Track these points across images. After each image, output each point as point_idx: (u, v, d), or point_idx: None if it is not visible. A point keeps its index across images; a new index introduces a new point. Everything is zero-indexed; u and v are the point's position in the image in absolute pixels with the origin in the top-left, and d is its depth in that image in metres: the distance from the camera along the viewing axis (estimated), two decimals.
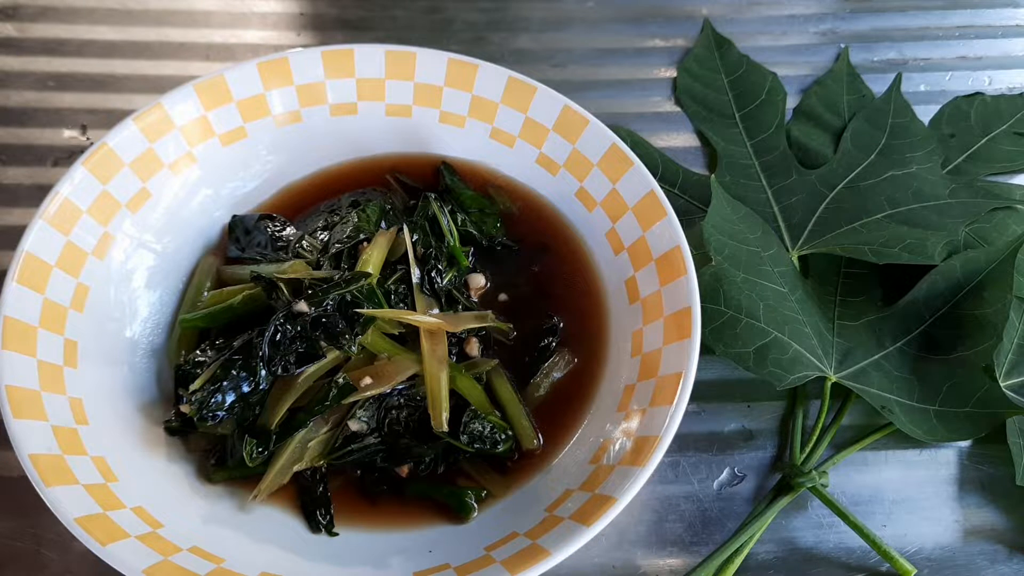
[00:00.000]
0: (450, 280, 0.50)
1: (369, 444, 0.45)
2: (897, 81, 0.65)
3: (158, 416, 0.46)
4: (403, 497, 0.46)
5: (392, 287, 0.48)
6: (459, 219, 0.52)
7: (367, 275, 0.46)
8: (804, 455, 0.49)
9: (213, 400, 0.42)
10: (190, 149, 0.51)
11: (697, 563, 0.46)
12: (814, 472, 0.48)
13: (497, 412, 0.47)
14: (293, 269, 0.47)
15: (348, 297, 0.45)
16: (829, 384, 0.50)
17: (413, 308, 0.48)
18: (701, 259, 0.50)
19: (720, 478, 0.50)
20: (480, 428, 0.45)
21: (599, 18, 0.70)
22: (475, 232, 0.52)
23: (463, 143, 0.55)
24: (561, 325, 0.51)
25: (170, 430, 0.45)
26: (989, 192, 0.58)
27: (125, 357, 0.47)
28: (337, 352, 0.44)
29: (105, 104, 0.62)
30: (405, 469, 0.46)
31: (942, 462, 0.51)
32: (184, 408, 0.43)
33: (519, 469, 0.47)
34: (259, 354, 0.43)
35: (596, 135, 0.51)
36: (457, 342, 0.48)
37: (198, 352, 0.45)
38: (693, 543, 0.48)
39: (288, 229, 0.52)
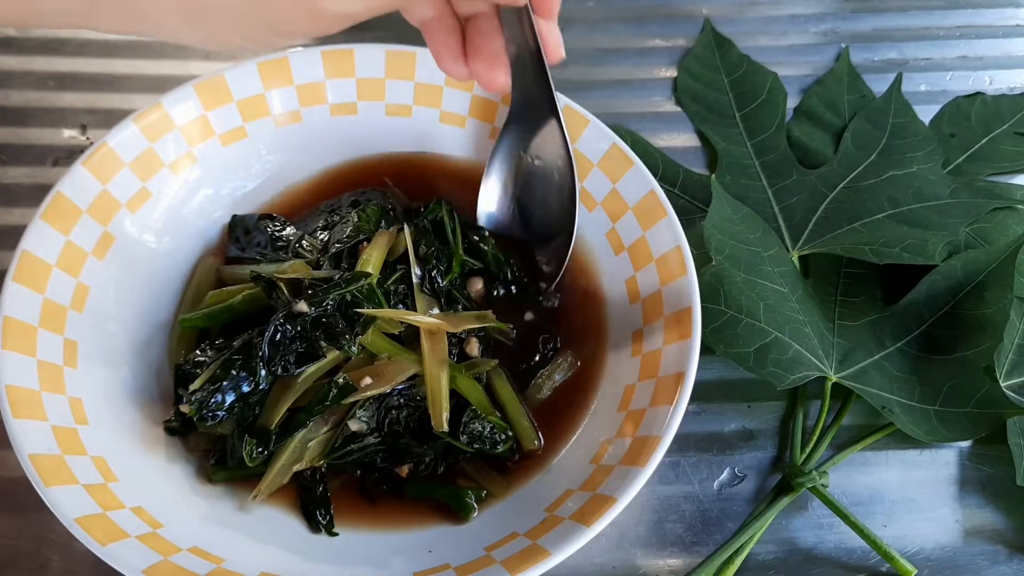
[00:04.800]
0: (450, 280, 0.50)
1: (369, 444, 0.45)
2: (898, 81, 0.65)
3: (158, 416, 0.46)
4: (403, 497, 0.45)
5: (392, 287, 0.48)
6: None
7: (367, 275, 0.46)
8: (804, 455, 0.49)
9: (213, 400, 0.42)
10: (190, 149, 0.51)
11: (697, 563, 0.46)
12: (814, 472, 0.48)
13: (497, 412, 0.47)
14: (293, 269, 0.47)
15: (348, 297, 0.45)
16: (829, 384, 0.50)
17: (413, 308, 0.48)
18: (701, 259, 0.50)
19: (720, 478, 0.50)
20: (480, 428, 0.45)
21: (599, 18, 0.70)
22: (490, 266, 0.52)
23: (463, 143, 0.55)
24: (562, 326, 0.51)
25: (170, 430, 0.45)
26: (990, 192, 0.58)
27: (125, 357, 0.47)
28: (337, 352, 0.44)
29: (105, 104, 0.62)
30: (405, 469, 0.46)
31: (942, 462, 0.51)
32: (184, 408, 0.43)
33: (519, 469, 0.46)
34: (259, 354, 0.43)
35: (596, 135, 0.51)
36: (457, 342, 0.48)
37: (198, 352, 0.45)
38: (693, 543, 0.48)
39: (288, 229, 0.52)
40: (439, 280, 0.49)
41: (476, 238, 0.52)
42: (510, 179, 0.52)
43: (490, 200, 0.53)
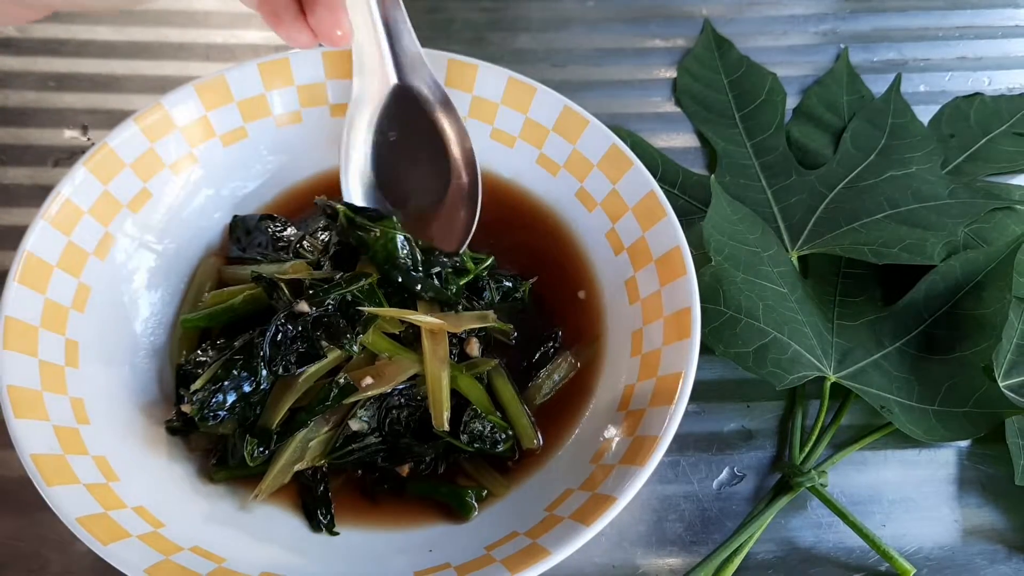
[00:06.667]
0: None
1: (370, 444, 0.45)
2: (897, 81, 0.65)
3: (159, 416, 0.46)
4: (403, 496, 0.46)
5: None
6: None
7: (368, 275, 0.46)
8: (803, 455, 0.49)
9: (214, 400, 0.42)
10: (191, 149, 0.51)
11: (697, 562, 0.47)
12: (813, 472, 0.48)
13: (497, 412, 0.47)
14: (294, 269, 0.47)
15: (349, 297, 0.45)
16: (828, 384, 0.50)
17: (414, 308, 0.48)
18: (701, 259, 0.50)
19: (720, 478, 0.50)
20: (480, 428, 0.45)
21: (599, 18, 0.70)
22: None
23: None
24: (562, 326, 0.51)
25: (171, 430, 0.45)
26: (989, 192, 0.58)
27: (126, 357, 0.47)
28: (338, 352, 0.44)
29: (106, 104, 0.62)
30: (406, 468, 0.46)
31: (941, 462, 0.51)
32: (185, 408, 0.43)
33: (519, 469, 0.47)
34: (260, 354, 0.43)
35: (596, 135, 0.51)
36: (458, 342, 0.48)
37: (199, 352, 0.45)
38: (693, 543, 0.48)
39: (289, 229, 0.52)
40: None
41: (365, 219, 0.47)
42: (377, 150, 0.51)
43: (357, 173, 0.51)
